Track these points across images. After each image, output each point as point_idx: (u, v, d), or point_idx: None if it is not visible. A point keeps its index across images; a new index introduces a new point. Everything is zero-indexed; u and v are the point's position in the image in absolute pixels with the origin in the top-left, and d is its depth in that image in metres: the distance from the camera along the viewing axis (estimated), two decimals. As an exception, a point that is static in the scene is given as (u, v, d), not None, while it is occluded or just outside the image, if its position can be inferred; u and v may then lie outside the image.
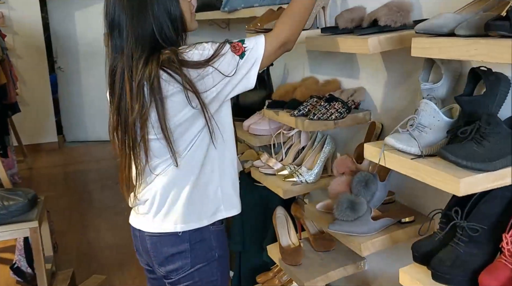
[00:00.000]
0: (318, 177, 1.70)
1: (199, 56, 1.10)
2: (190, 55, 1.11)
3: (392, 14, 1.17)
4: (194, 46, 1.13)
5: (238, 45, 1.15)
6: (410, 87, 1.39)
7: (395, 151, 1.12)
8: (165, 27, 1.14)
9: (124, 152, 1.22)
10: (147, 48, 1.13)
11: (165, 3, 1.15)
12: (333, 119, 1.50)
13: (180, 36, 1.20)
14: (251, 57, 1.14)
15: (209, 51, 1.12)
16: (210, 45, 1.13)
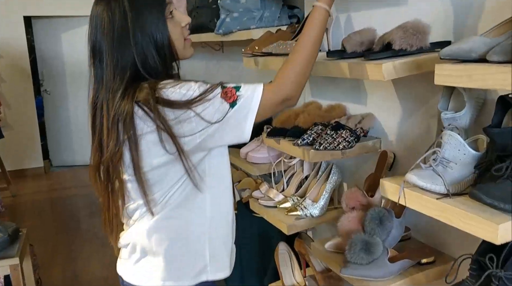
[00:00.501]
0: (324, 210, 1.57)
1: (181, 96, 0.98)
2: (169, 93, 0.98)
3: (408, 37, 1.06)
4: (179, 83, 1.00)
5: (231, 91, 1.01)
6: (426, 113, 1.28)
7: (416, 188, 1.00)
8: (150, 56, 1.02)
9: (106, 192, 1.11)
10: (126, 79, 1.01)
11: (150, 29, 1.02)
12: (340, 149, 1.38)
13: (167, 66, 1.07)
14: (244, 108, 1.00)
15: (194, 92, 0.99)
16: (197, 86, 1.00)
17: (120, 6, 1.01)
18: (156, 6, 1.04)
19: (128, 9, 1.00)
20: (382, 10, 1.39)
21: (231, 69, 2.48)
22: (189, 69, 3.19)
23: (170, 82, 1.00)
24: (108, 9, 1.01)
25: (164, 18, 1.04)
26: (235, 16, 1.81)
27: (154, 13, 1.03)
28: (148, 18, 1.02)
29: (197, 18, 2.20)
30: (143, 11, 1.01)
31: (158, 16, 1.03)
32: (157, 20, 1.03)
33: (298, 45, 1.08)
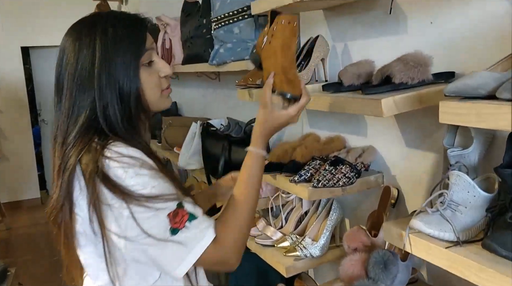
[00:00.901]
0: (325, 249, 1.48)
1: (126, 183, 0.82)
2: (116, 171, 0.82)
3: (409, 69, 1.00)
4: (134, 165, 0.83)
5: (182, 216, 0.84)
6: (431, 147, 1.21)
7: (423, 234, 0.92)
8: (111, 105, 0.88)
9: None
10: (80, 124, 0.89)
11: (118, 75, 0.89)
12: (340, 186, 1.30)
13: (133, 118, 0.91)
14: (184, 246, 0.84)
15: (143, 188, 0.82)
16: (152, 184, 0.83)
17: (90, 42, 0.90)
18: (132, 50, 0.91)
19: (98, 47, 0.89)
20: (380, 39, 1.33)
21: (228, 98, 2.43)
22: (186, 98, 3.15)
23: (122, 156, 0.83)
24: (77, 42, 0.90)
25: (136, 65, 0.91)
26: (229, 47, 1.76)
27: (126, 58, 0.90)
28: (118, 62, 0.89)
29: (191, 48, 2.16)
30: (114, 53, 0.90)
31: (131, 62, 0.91)
32: (127, 66, 0.90)
33: (238, 199, 0.95)
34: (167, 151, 2.64)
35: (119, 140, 0.88)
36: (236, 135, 2.10)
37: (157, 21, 2.43)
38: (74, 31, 0.93)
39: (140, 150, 0.87)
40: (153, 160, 0.88)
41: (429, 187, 1.23)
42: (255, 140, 1.01)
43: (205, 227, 0.87)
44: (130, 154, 0.85)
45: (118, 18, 0.94)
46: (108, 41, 0.90)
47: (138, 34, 0.94)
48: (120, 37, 0.90)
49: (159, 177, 0.86)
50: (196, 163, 2.22)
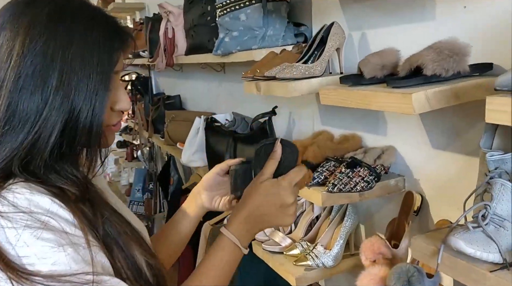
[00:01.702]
0: (338, 259, 1.35)
1: (10, 247, 0.58)
2: (8, 233, 0.58)
3: (443, 59, 0.85)
4: (35, 218, 0.59)
5: None
6: (461, 149, 1.06)
7: (460, 253, 0.78)
8: (47, 134, 0.63)
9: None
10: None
11: (78, 93, 0.64)
12: (358, 191, 1.16)
13: (62, 156, 0.66)
14: None
15: (42, 259, 0.58)
16: (57, 251, 0.59)
17: (45, 34, 0.63)
18: (104, 64, 0.66)
19: (59, 43, 0.63)
20: (403, 27, 1.19)
21: (233, 92, 2.29)
22: (190, 91, 3.03)
23: (18, 211, 0.59)
24: (26, 32, 0.63)
25: (106, 86, 0.67)
26: (235, 36, 1.62)
27: (95, 72, 0.65)
28: (82, 75, 0.64)
29: (195, 37, 2.02)
30: (80, 61, 0.64)
31: (101, 80, 0.66)
32: (95, 84, 0.65)
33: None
34: (170, 146, 2.52)
35: (24, 180, 0.62)
36: (242, 131, 1.97)
37: (160, 8, 2.29)
38: (16, 8, 0.66)
39: (55, 196, 0.62)
40: (76, 208, 0.63)
41: (457, 194, 1.09)
42: (235, 222, 0.79)
43: None
44: (32, 208, 0.59)
45: (92, 12, 0.69)
46: (74, 40, 0.65)
47: (116, 44, 0.69)
48: (93, 40, 0.66)
49: (71, 243, 0.59)
50: (200, 160, 2.10)
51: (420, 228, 1.20)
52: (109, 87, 0.68)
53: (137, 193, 3.67)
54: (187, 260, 2.37)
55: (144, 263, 0.68)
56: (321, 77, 1.28)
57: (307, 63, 1.31)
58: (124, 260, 0.65)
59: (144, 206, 3.56)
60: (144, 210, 3.53)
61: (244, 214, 0.79)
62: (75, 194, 0.65)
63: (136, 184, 3.70)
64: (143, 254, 0.69)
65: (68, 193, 0.64)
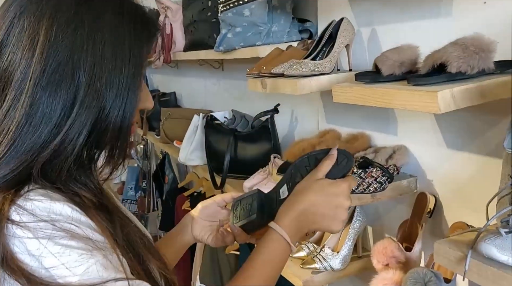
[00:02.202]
0: (346, 262, 1.31)
1: (33, 259, 0.53)
2: (24, 242, 0.53)
3: (469, 56, 0.82)
4: (58, 226, 0.54)
5: None
6: (480, 150, 1.03)
7: (490, 260, 0.75)
8: (75, 135, 0.57)
9: None
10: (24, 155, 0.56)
11: (109, 90, 0.58)
12: (371, 192, 1.13)
13: (86, 161, 0.62)
14: None
15: (71, 268, 0.53)
16: (86, 259, 0.54)
17: (74, 21, 0.57)
18: (136, 58, 0.61)
19: (88, 32, 0.57)
20: (416, 23, 1.15)
21: (233, 89, 2.24)
22: (186, 88, 2.97)
23: (39, 220, 0.54)
24: (53, 18, 0.56)
25: (138, 82, 0.61)
26: (238, 31, 1.57)
27: (127, 68, 0.59)
28: (113, 71, 0.58)
29: (195, 33, 1.97)
30: (112, 49, 0.58)
31: (134, 76, 0.60)
32: (127, 81, 0.59)
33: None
34: (166, 145, 2.46)
35: (41, 187, 0.57)
36: (242, 129, 1.92)
37: (157, 3, 2.23)
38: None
39: (74, 203, 0.58)
40: (96, 215, 0.59)
41: (473, 196, 1.06)
42: (287, 217, 0.74)
43: None
44: (52, 216, 0.54)
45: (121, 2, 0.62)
46: (104, 29, 0.58)
47: (146, 35, 0.63)
48: (124, 30, 0.60)
49: (98, 249, 0.55)
50: (198, 159, 2.05)
51: (434, 231, 1.17)
52: (140, 82, 0.62)
53: (130, 191, 3.59)
54: (184, 261, 2.32)
55: (158, 275, 0.63)
56: (330, 74, 1.24)
57: (315, 59, 1.27)
58: (142, 271, 0.60)
59: (137, 204, 3.50)
60: (137, 208, 3.47)
61: (299, 210, 0.74)
62: (92, 200, 0.60)
63: (129, 182, 3.63)
64: (160, 267, 0.64)
65: (85, 200, 0.59)
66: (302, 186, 0.77)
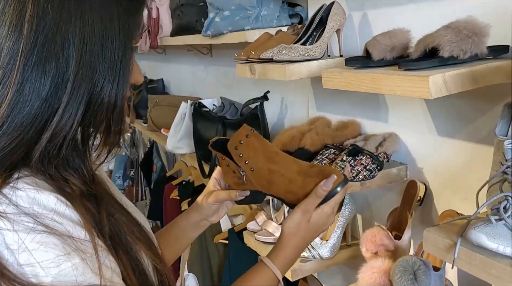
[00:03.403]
0: (335, 250, 1.30)
1: (9, 253, 0.50)
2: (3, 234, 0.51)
3: (462, 40, 0.79)
4: (39, 220, 0.52)
5: None
6: (471, 137, 1.02)
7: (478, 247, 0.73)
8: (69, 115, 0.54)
9: None
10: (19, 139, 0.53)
11: (100, 64, 0.55)
12: (360, 180, 1.11)
13: (81, 143, 0.59)
14: None
15: (46, 268, 0.50)
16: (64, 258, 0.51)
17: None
18: (127, 30, 0.57)
19: (74, 2, 0.53)
20: (408, 7, 1.12)
21: (222, 76, 2.20)
22: (174, 75, 2.92)
23: (21, 213, 0.51)
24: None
25: (131, 50, 0.59)
26: (226, 15, 1.53)
27: (118, 40, 0.56)
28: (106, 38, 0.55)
29: (182, 17, 1.92)
30: (101, 19, 0.55)
31: (125, 49, 0.57)
32: (121, 50, 0.57)
33: None
34: (153, 132, 2.42)
35: (30, 174, 0.55)
36: (231, 117, 1.88)
37: (143, -13, 2.17)
38: None
39: (60, 193, 0.55)
40: (82, 206, 0.56)
41: (464, 184, 1.05)
42: (278, 253, 0.78)
43: None
44: (35, 208, 0.52)
45: None
46: (93, 4, 0.55)
47: (136, 6, 0.60)
48: (111, 4, 0.56)
49: (78, 250, 0.52)
50: (186, 147, 2.01)
51: (423, 219, 1.16)
52: (131, 54, 0.59)
53: (118, 180, 3.55)
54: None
55: (151, 267, 0.61)
56: (320, 60, 1.22)
57: (305, 44, 1.24)
58: (129, 262, 0.58)
59: (125, 193, 3.46)
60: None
61: (291, 248, 0.78)
62: (80, 189, 0.57)
63: (116, 171, 3.59)
64: (151, 258, 0.62)
65: (74, 187, 0.57)
66: (293, 223, 0.78)
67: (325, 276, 1.57)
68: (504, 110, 0.85)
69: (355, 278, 1.08)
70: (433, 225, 1.06)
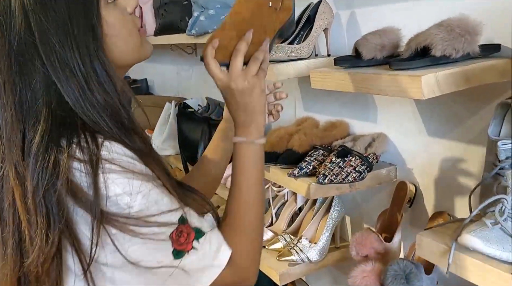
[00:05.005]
0: (324, 253, 1.27)
1: (124, 194, 0.60)
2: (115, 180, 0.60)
3: (454, 39, 0.77)
4: (123, 165, 0.61)
5: (188, 235, 0.64)
6: (460, 137, 1.00)
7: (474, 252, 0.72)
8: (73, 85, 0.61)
9: None
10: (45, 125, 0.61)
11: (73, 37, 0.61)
12: (349, 182, 1.09)
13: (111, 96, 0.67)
14: (192, 272, 0.64)
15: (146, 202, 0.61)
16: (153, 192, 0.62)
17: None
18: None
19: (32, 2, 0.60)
20: (397, 5, 1.11)
21: (207, 76, 2.14)
22: (158, 75, 2.86)
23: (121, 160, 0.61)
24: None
25: (95, 11, 0.63)
26: (211, 14, 1.50)
27: (79, 2, 0.62)
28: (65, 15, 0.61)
29: (166, 16, 1.87)
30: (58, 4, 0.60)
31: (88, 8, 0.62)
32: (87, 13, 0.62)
33: (241, 207, 0.74)
34: (137, 134, 2.37)
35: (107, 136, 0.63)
36: (217, 118, 1.85)
37: (125, -15, 2.12)
38: None
39: (129, 148, 0.64)
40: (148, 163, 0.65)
41: (454, 184, 1.04)
42: (243, 125, 0.77)
43: (216, 247, 0.67)
44: (129, 157, 0.63)
45: None
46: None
47: None
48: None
49: (155, 185, 0.63)
50: (171, 149, 1.98)
51: (414, 220, 1.15)
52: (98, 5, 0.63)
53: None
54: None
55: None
56: (308, 59, 1.19)
57: (293, 44, 1.21)
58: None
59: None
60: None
61: (241, 117, 0.77)
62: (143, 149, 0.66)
63: (99, 173, 3.52)
64: (200, 203, 0.71)
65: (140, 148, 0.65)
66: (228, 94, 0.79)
67: (314, 279, 1.54)
68: (497, 109, 0.83)
69: (344, 281, 1.06)
70: (423, 227, 1.05)
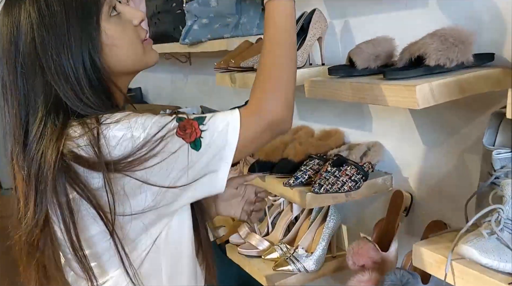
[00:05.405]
0: (321, 263, 1.27)
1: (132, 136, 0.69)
2: (111, 134, 0.69)
3: (448, 49, 0.77)
4: (118, 118, 0.71)
5: (191, 125, 0.70)
6: (456, 146, 1.00)
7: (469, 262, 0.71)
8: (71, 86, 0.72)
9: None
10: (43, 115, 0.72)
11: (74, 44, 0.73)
12: (345, 191, 1.08)
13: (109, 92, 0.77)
14: (214, 148, 0.71)
15: (140, 134, 0.69)
16: (144, 121, 0.70)
17: (30, 12, 0.72)
18: (86, 5, 0.74)
19: (33, 14, 0.72)
20: (391, 14, 1.11)
21: (201, 84, 2.16)
22: (152, 83, 2.85)
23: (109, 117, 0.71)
24: (11, 18, 0.73)
25: (93, 24, 0.74)
26: (205, 23, 1.50)
27: (79, 17, 0.73)
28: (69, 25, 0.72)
29: (159, 25, 1.87)
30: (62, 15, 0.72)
31: (87, 22, 0.73)
32: (85, 27, 0.73)
33: (268, 48, 0.79)
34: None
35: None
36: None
37: (119, -6, 2.11)
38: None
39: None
40: None
41: (450, 193, 1.03)
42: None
43: (223, 114, 0.73)
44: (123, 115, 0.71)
45: None
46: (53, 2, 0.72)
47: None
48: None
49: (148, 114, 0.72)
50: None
51: (410, 229, 1.14)
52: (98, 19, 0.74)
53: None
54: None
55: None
56: (302, 69, 1.19)
57: (287, 53, 1.21)
58: None
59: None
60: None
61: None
62: None
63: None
64: None
65: None
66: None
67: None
68: (492, 119, 0.83)
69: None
70: (420, 236, 1.05)
